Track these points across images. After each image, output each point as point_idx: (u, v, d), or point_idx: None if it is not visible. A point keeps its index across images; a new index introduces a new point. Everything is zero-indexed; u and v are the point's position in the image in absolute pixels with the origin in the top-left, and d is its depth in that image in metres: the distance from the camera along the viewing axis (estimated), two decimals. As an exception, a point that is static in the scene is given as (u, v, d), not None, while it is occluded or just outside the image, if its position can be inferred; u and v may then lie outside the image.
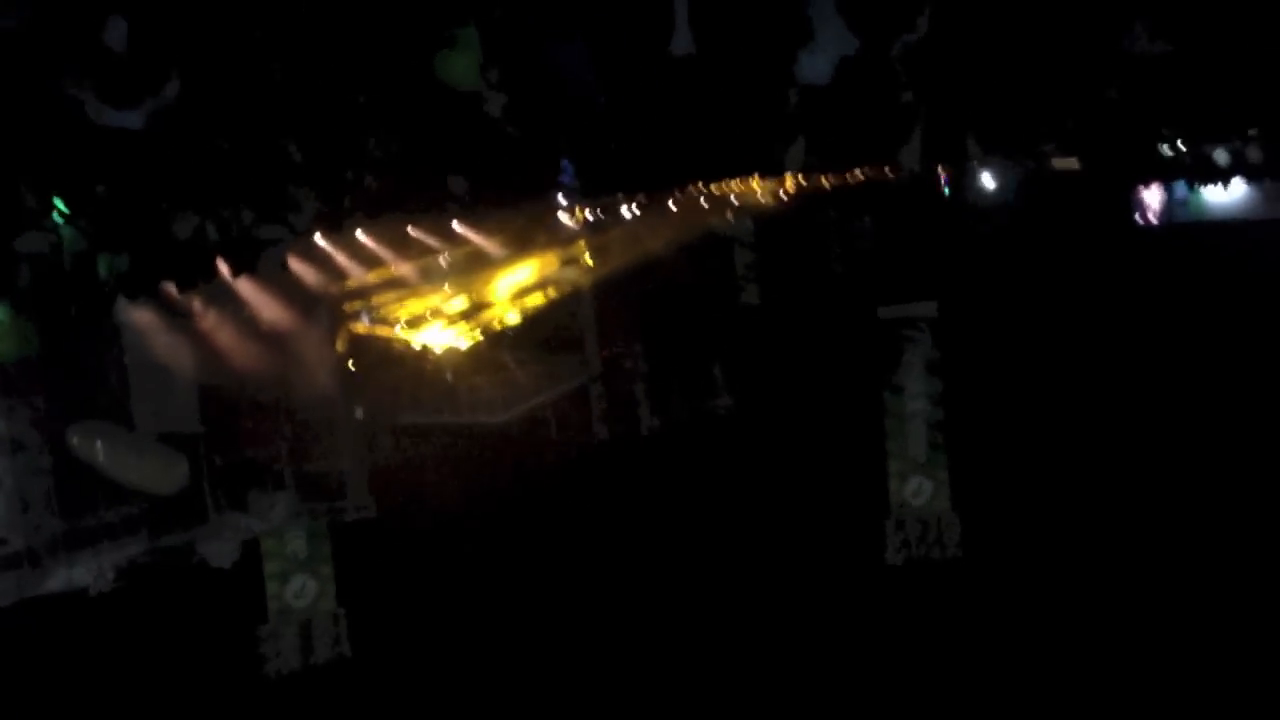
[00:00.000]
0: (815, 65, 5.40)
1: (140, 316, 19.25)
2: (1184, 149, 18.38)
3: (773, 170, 20.13)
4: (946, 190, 32.46)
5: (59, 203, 7.99)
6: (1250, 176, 22.23)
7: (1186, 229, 36.33)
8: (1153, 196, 37.32)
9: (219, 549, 20.15)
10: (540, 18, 4.15)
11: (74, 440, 19.28)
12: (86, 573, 19.18)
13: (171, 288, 14.85)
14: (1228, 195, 32.60)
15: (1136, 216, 37.80)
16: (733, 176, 21.96)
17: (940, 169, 29.24)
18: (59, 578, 19.08)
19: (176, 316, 19.62)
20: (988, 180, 30.63)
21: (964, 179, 30.72)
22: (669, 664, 14.66)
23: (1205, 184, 28.91)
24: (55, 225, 9.10)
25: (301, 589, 15.92)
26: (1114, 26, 5.34)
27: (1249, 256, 30.87)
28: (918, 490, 17.09)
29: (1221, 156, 18.17)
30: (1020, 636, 14.40)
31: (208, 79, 4.11)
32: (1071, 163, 20.27)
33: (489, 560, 18.76)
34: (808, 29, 5.15)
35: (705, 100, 7.06)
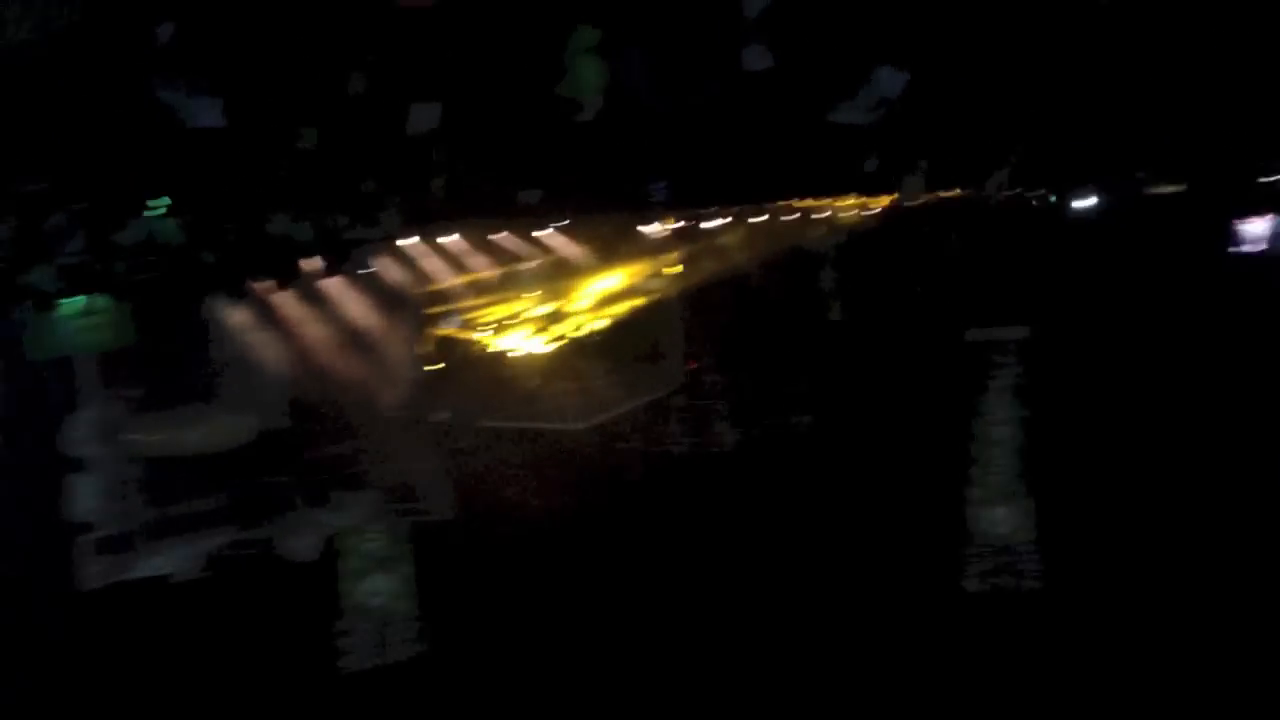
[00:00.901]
0: (890, 80, 5.34)
1: (232, 312, 19.66)
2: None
3: (861, 187, 19.98)
4: (1043, 210, 31.94)
5: (159, 200, 8.18)
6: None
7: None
8: (1256, 226, 36.32)
9: (299, 544, 20.46)
10: (631, 30, 4.15)
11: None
12: (172, 560, 19.63)
13: (264, 284, 15.14)
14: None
15: (1236, 245, 36.80)
16: (823, 193, 21.84)
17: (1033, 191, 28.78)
18: (146, 564, 19.55)
19: (267, 313, 20.00)
20: (1084, 203, 30.08)
21: (1060, 201, 30.20)
22: (744, 681, 14.57)
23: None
24: (155, 219, 9.32)
25: (378, 588, 16.08)
26: (1214, 55, 5.21)
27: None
28: (1001, 519, 16.79)
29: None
30: (1099, 673, 14.07)
31: (302, 85, 4.18)
32: (1171, 188, 19.83)
33: (565, 567, 18.81)
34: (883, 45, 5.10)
35: (791, 115, 7.01)
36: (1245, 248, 36.68)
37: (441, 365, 24.18)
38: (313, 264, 14.87)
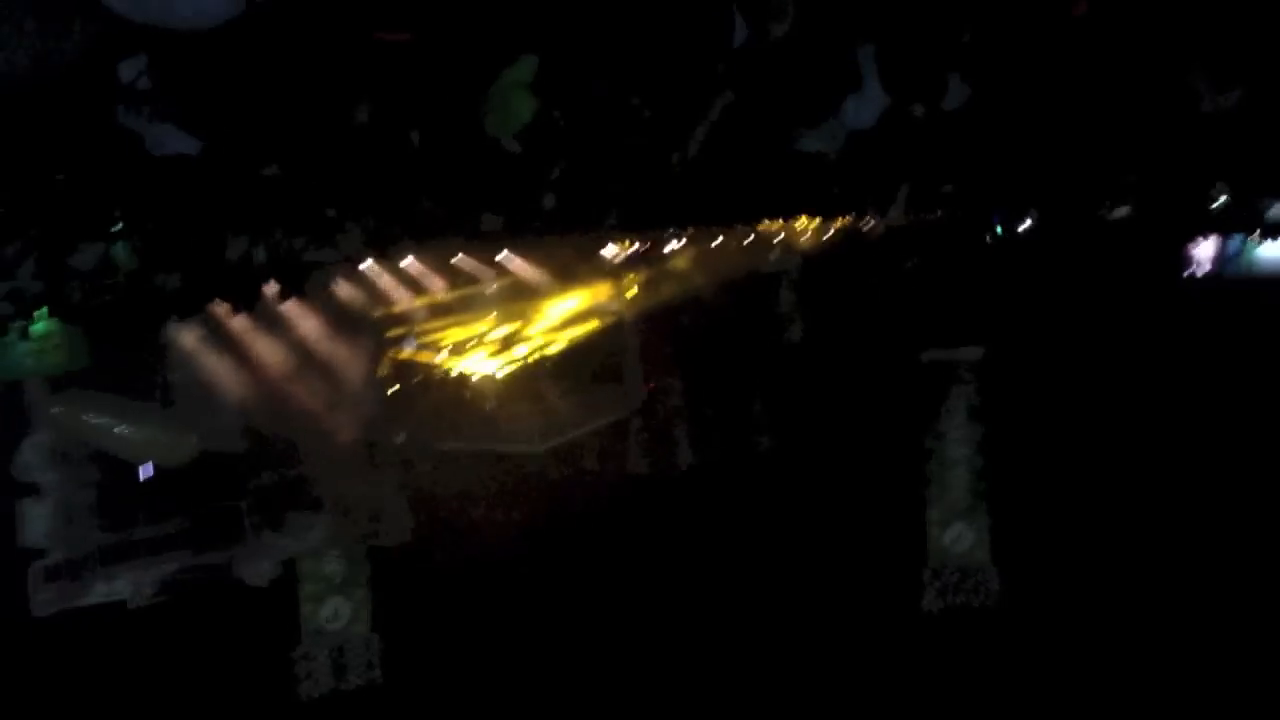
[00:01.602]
0: (862, 112, 5.40)
1: (188, 336, 19.47)
2: (1238, 203, 18.20)
3: (821, 210, 20.12)
4: (997, 233, 32.25)
5: (114, 222, 8.12)
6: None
7: (1236, 284, 35.84)
8: (1205, 250, 36.88)
9: (256, 569, 20.24)
10: (584, 55, 4.18)
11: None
12: (126, 586, 19.34)
13: (220, 308, 15.03)
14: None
15: (1187, 269, 37.36)
16: (780, 215, 21.98)
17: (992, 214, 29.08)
18: (99, 590, 19.25)
19: (223, 337, 19.83)
20: (1037, 226, 30.39)
21: (1014, 224, 30.52)
22: (701, 703, 14.56)
23: (1259, 239, 28.54)
24: (109, 243, 9.23)
25: (336, 612, 15.98)
26: (1174, 80, 5.32)
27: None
28: (958, 538, 16.93)
29: (1277, 212, 17.95)
30: (1054, 693, 14.19)
31: (260, 109, 4.19)
32: (1123, 212, 20.10)
33: (523, 590, 18.74)
34: (857, 76, 5.16)
35: (752, 139, 7.07)
36: (1196, 271, 37.25)
37: (398, 388, 24.03)
38: (270, 287, 14.78)
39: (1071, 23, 5.02)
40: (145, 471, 20.40)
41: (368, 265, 19.36)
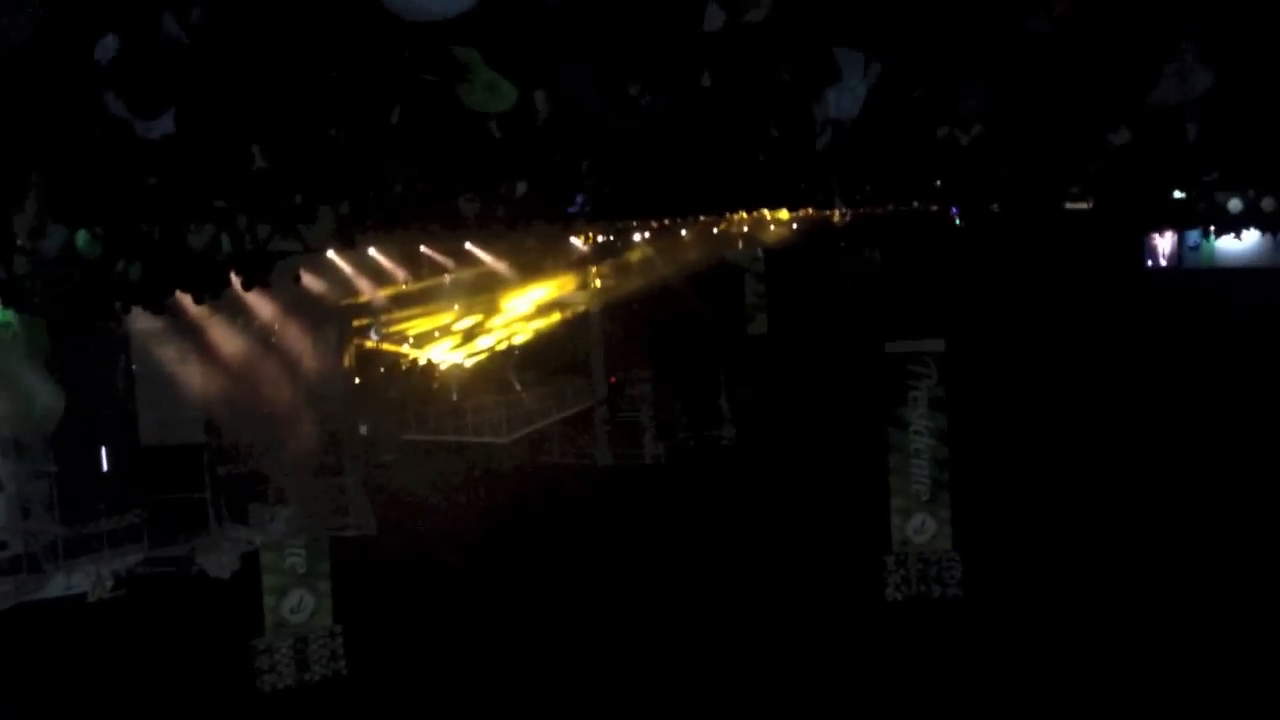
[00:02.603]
0: (839, 103, 5.40)
1: (151, 325, 19.28)
2: (1198, 196, 18.40)
3: (785, 202, 20.15)
4: (957, 225, 32.44)
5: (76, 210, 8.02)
6: (1263, 226, 22.21)
7: (1196, 274, 36.29)
8: (1164, 241, 37.29)
9: (218, 560, 20.11)
10: (553, 42, 4.17)
11: None
12: (85, 579, 19.15)
13: (184, 297, 14.87)
14: (1240, 243, 32.56)
15: (1148, 260, 37.77)
16: (745, 207, 22.02)
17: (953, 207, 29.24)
18: (57, 583, 19.05)
19: (187, 326, 19.65)
20: (998, 218, 30.58)
21: (977, 217, 30.70)
22: (664, 692, 14.60)
23: (1218, 232, 28.88)
24: (71, 230, 9.12)
25: (299, 604, 15.89)
26: (1137, 73, 5.36)
27: (1256, 303, 30.82)
28: (920, 528, 17.05)
29: (1235, 205, 18.16)
30: (1016, 678, 14.33)
31: (224, 94, 4.13)
32: (1084, 204, 20.27)
33: (488, 582, 18.71)
34: (833, 68, 5.16)
35: (720, 131, 7.07)
36: (1155, 262, 37.66)
37: (363, 378, 23.92)
38: (234, 276, 14.63)
39: (1038, 19, 5.05)
40: (105, 462, 20.22)
41: (333, 255, 19.22)
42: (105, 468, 20.30)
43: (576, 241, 26.12)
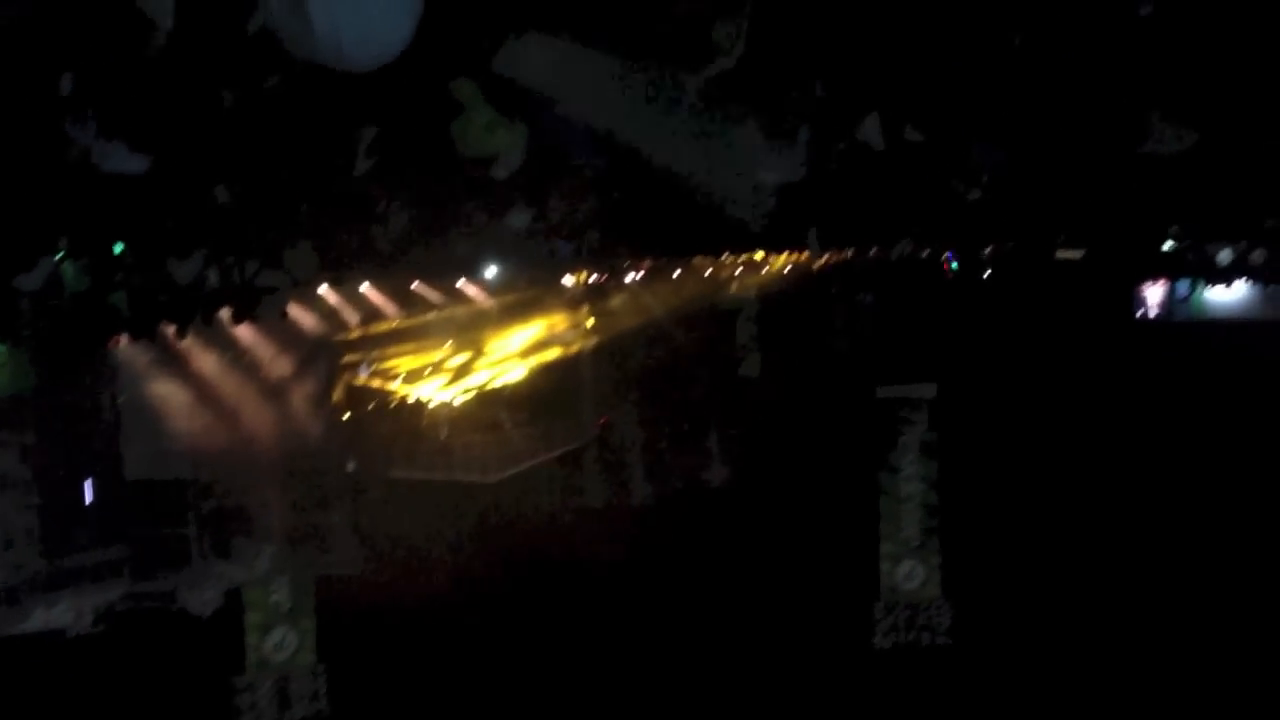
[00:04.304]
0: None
1: (138, 358, 19.20)
2: (1188, 247, 18.50)
3: (777, 245, 20.20)
4: (952, 270, 32.59)
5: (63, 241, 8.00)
6: (1252, 278, 22.34)
7: (1186, 326, 36.46)
8: (1155, 292, 37.48)
9: (200, 596, 19.92)
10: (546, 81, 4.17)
11: None
12: (66, 613, 18.95)
13: (171, 331, 14.83)
14: (1229, 294, 32.73)
15: (1138, 311, 37.94)
16: (738, 250, 22.08)
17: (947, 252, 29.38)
18: (38, 617, 18.85)
19: (174, 360, 19.58)
20: (992, 266, 30.73)
21: (970, 262, 30.85)
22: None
23: (1208, 283, 29.02)
24: (58, 263, 9.08)
25: (282, 641, 15.69)
26: (1129, 122, 5.38)
27: (1245, 355, 31.00)
28: (909, 574, 16.93)
29: (1225, 257, 18.25)
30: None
31: (212, 128, 4.11)
32: (1076, 253, 20.36)
33: (473, 622, 18.54)
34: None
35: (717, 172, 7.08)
36: (1147, 314, 37.82)
37: (352, 414, 23.81)
38: (223, 310, 14.59)
39: (1027, 63, 5.06)
40: (89, 494, 20.07)
41: (323, 290, 19.19)
42: (89, 500, 20.15)
43: (569, 280, 26.12)
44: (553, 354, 27.78)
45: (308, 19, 3.10)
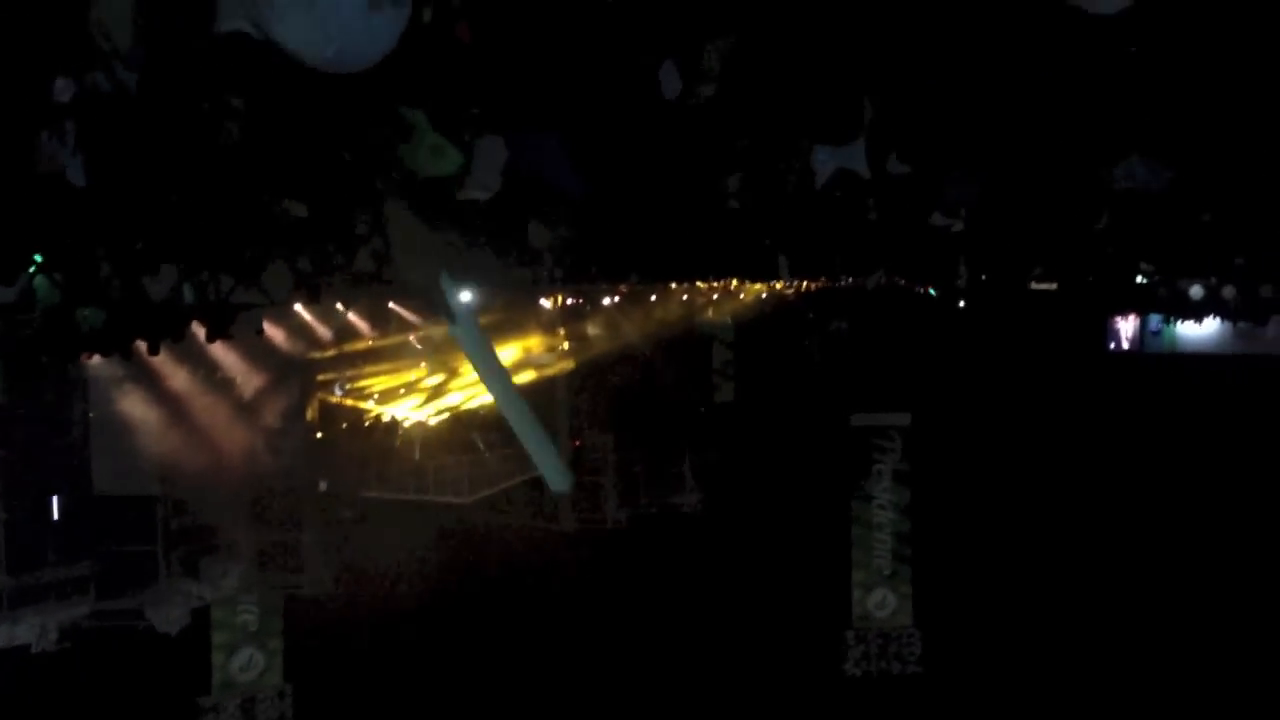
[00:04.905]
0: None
1: (109, 373, 19.06)
2: (1160, 282, 18.67)
3: (754, 273, 20.25)
4: (928, 299, 32.75)
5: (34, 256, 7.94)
6: (1223, 315, 22.60)
7: (1158, 359, 36.84)
8: (1127, 325, 37.87)
9: (167, 615, 19.72)
10: (521, 107, 4.17)
11: None
12: (30, 630, 18.72)
13: (143, 346, 14.73)
14: (1201, 329, 33.06)
15: (1110, 343, 38.29)
16: (714, 276, 22.13)
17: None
18: (1, 634, 18.61)
19: (146, 375, 19.44)
20: (970, 295, 30.90)
21: (945, 291, 31.01)
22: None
23: (1180, 318, 29.30)
24: (29, 276, 9.01)
25: (249, 662, 15.57)
26: (1103, 158, 5.44)
27: (1215, 388, 31.35)
28: (881, 603, 16.96)
29: (1197, 292, 18.45)
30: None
31: (192, 143, 4.10)
32: (1049, 285, 20.51)
33: (443, 645, 18.43)
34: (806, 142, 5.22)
35: (688, 199, 7.10)
36: (1118, 345, 38.20)
37: (325, 434, 23.69)
38: (197, 327, 14.51)
39: (1005, 95, 5.10)
40: (56, 510, 19.86)
41: (298, 308, 19.12)
42: (56, 516, 19.94)
43: (545, 303, 26.11)
44: (528, 376, 27.72)
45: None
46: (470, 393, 26.52)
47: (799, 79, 4.74)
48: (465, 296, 7.49)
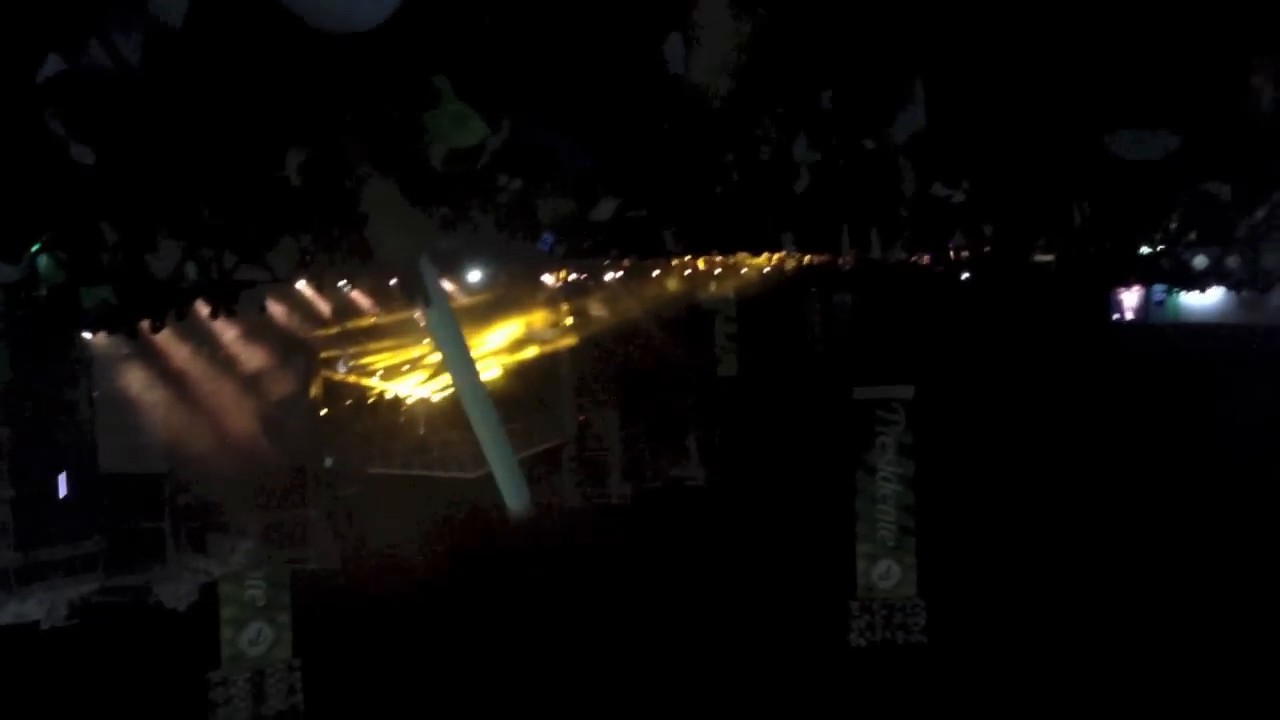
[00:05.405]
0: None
1: (115, 351, 19.11)
2: (1163, 253, 18.65)
3: (759, 246, 20.24)
4: (931, 274, 32.73)
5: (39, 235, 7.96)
6: (1226, 284, 22.56)
7: (1161, 329, 36.84)
8: (1131, 295, 37.87)
9: (176, 590, 19.85)
10: (525, 84, 4.18)
11: None
12: (39, 606, 18.85)
13: (148, 324, 14.76)
14: (1204, 299, 33.05)
15: (1114, 313, 38.29)
16: (718, 249, 22.11)
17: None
18: (10, 610, 18.75)
19: (152, 353, 19.49)
20: (973, 267, 30.89)
21: (949, 266, 30.98)
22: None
23: (1183, 288, 29.29)
24: (34, 255, 9.04)
25: (257, 636, 15.64)
26: (1102, 128, 5.44)
27: (1218, 357, 31.39)
28: (885, 573, 17.02)
29: (1200, 262, 18.41)
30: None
31: (196, 123, 4.11)
32: (1052, 257, 20.49)
33: (450, 618, 18.52)
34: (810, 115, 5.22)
35: (692, 173, 7.11)
36: (1122, 316, 38.21)
37: (329, 410, 23.76)
38: (201, 304, 14.55)
39: (1008, 69, 5.11)
40: (64, 488, 19.97)
41: (301, 285, 19.15)
42: (64, 494, 20.05)
43: (549, 278, 26.11)
44: (532, 352, 27.77)
45: None
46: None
47: (810, 54, 4.76)
48: (444, 284, 7.51)
